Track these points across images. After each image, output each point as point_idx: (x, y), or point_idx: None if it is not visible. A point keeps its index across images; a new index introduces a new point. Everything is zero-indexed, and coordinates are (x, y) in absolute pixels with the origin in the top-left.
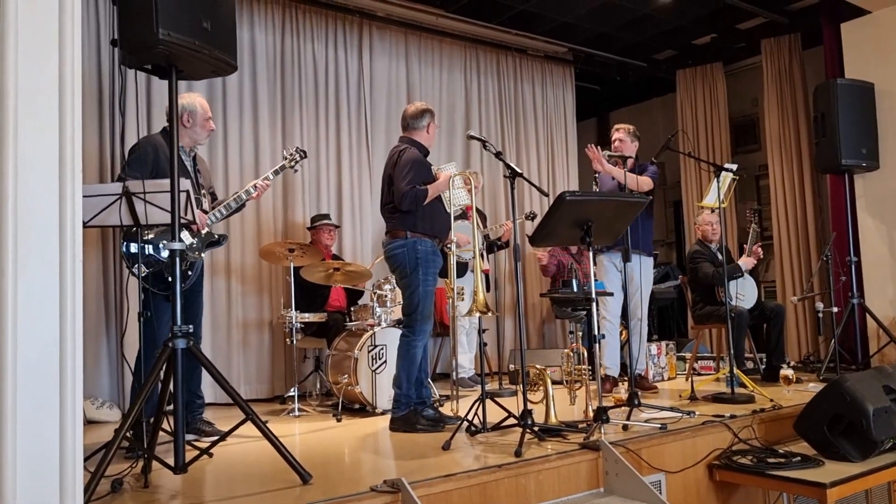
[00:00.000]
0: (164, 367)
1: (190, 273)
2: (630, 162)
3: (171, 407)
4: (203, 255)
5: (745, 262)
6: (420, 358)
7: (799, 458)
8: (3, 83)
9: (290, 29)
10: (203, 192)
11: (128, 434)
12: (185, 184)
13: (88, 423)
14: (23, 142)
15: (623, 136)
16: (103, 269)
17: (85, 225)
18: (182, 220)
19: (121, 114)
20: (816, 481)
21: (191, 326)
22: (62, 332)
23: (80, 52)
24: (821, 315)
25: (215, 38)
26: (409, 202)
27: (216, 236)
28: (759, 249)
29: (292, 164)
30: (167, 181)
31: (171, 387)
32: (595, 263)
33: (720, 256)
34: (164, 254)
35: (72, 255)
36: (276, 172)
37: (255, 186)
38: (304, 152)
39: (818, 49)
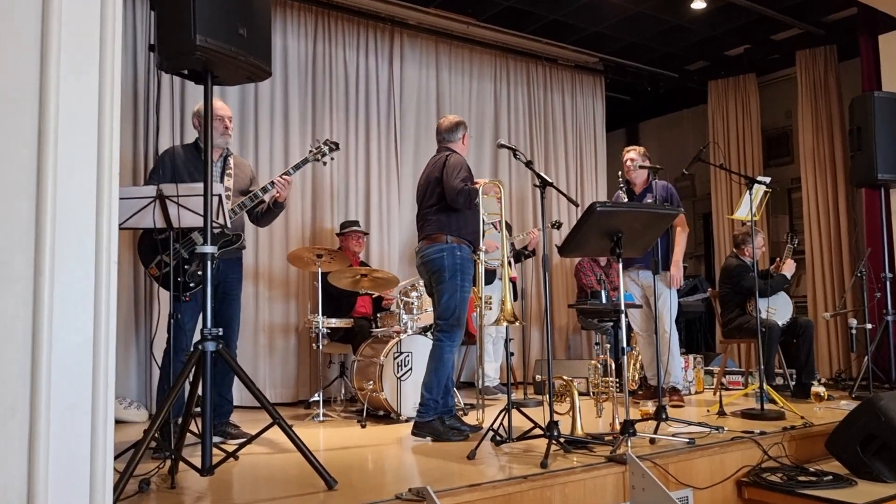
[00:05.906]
0: (192, 370)
1: (200, 274)
2: (641, 180)
3: (199, 409)
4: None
5: (788, 268)
6: (451, 364)
7: (830, 477)
8: (45, 87)
9: (322, 36)
10: (229, 193)
11: (155, 434)
12: (219, 188)
13: (116, 422)
14: (63, 145)
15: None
16: (134, 271)
17: (119, 227)
18: (214, 225)
19: (155, 117)
20: (848, 502)
21: (220, 329)
22: (96, 332)
23: (120, 58)
24: (854, 332)
25: (251, 45)
26: (463, 199)
27: (230, 235)
28: (791, 262)
29: (318, 156)
30: (200, 185)
31: (200, 389)
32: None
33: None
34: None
35: (107, 256)
36: (296, 167)
37: (273, 183)
38: (336, 144)
39: (854, 61)
